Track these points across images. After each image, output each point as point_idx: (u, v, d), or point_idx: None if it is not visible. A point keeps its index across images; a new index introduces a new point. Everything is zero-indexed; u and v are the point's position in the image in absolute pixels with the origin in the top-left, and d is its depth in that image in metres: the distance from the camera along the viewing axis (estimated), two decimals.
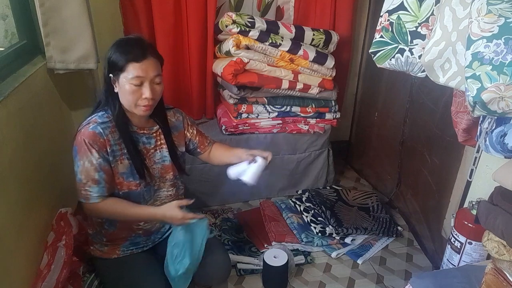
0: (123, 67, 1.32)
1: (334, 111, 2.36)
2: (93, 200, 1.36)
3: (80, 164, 1.35)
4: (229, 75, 2.08)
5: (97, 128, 1.35)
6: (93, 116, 1.40)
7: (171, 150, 1.54)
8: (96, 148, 1.34)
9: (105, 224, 1.49)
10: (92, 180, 1.35)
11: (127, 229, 1.51)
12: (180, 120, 1.60)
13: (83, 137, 1.34)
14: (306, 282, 1.87)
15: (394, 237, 2.14)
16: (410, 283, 1.25)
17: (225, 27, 2.12)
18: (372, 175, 2.69)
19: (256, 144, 2.29)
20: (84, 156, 1.34)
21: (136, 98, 1.35)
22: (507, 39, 0.87)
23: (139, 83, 1.34)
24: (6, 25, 1.73)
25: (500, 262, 1.10)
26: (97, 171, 1.35)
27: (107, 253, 1.53)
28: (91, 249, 1.56)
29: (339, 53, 2.38)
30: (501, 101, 0.88)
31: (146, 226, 1.54)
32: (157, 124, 1.51)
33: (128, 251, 1.54)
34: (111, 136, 1.38)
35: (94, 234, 1.54)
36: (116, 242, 1.52)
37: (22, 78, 1.47)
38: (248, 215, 2.29)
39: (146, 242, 1.57)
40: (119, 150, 1.40)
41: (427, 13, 1.17)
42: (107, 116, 1.40)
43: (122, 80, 1.34)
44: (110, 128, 1.38)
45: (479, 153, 1.51)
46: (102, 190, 1.37)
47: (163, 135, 1.52)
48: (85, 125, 1.37)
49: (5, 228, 1.22)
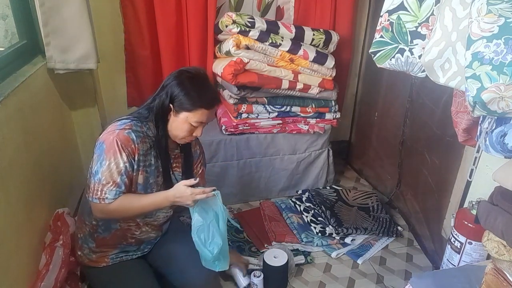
0: (192, 109, 1.36)
1: (334, 111, 2.36)
2: (107, 201, 1.34)
3: (105, 164, 1.32)
4: (229, 75, 2.08)
5: (131, 134, 1.34)
6: (128, 121, 1.38)
7: (184, 175, 1.54)
8: (127, 152, 1.33)
9: (100, 228, 1.46)
10: (114, 182, 1.33)
11: (120, 237, 1.48)
12: (197, 153, 1.62)
13: (116, 138, 1.32)
14: (306, 282, 1.87)
15: (394, 237, 2.14)
16: (410, 283, 1.25)
17: (225, 27, 2.12)
18: (372, 175, 2.69)
19: (256, 144, 2.30)
20: (113, 157, 1.32)
21: (187, 134, 1.40)
22: (507, 39, 0.87)
23: (197, 125, 1.39)
24: (6, 25, 1.73)
25: (500, 262, 1.10)
26: (121, 175, 1.33)
27: (96, 262, 1.49)
28: (79, 255, 1.52)
29: (339, 53, 2.38)
30: (501, 101, 0.88)
31: (141, 236, 1.52)
32: (179, 148, 1.52)
33: (118, 258, 1.51)
34: (141, 146, 1.37)
35: (84, 237, 1.50)
36: (105, 249, 1.49)
37: (22, 78, 1.48)
38: (248, 215, 2.29)
39: (135, 252, 1.55)
40: (143, 161, 1.40)
41: (427, 13, 1.17)
42: (140, 126, 1.39)
43: (182, 117, 1.37)
44: (141, 138, 1.38)
45: (479, 153, 1.51)
46: (118, 193, 1.34)
47: (182, 159, 1.54)
48: (120, 128, 1.34)
49: (5, 228, 1.22)
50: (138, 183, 1.40)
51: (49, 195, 1.64)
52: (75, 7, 1.67)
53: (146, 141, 1.39)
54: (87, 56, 1.76)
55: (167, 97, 1.37)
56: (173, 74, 1.41)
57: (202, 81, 1.42)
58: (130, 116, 1.42)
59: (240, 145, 2.28)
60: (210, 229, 1.38)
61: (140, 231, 1.51)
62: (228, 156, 2.28)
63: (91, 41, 1.75)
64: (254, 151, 2.31)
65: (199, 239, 1.38)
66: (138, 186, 1.41)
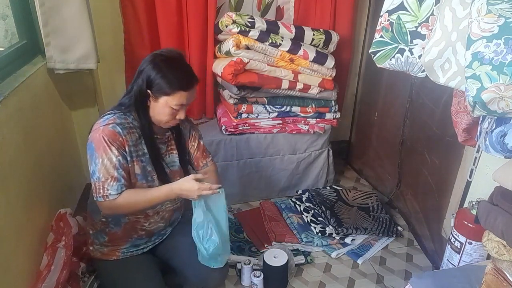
0: (170, 93, 1.34)
1: (334, 111, 2.36)
2: (111, 197, 1.34)
3: (99, 162, 1.33)
4: (229, 75, 2.08)
5: (116, 128, 1.35)
6: (111, 115, 1.38)
7: (181, 155, 1.54)
8: (116, 146, 1.34)
9: (110, 223, 1.49)
10: (112, 177, 1.33)
11: (130, 229, 1.50)
12: (187, 129, 1.61)
13: (102, 135, 1.33)
14: (306, 282, 1.87)
15: (394, 237, 2.14)
16: (410, 283, 1.25)
17: (225, 27, 2.12)
18: (372, 175, 2.69)
19: (256, 144, 2.30)
20: (104, 153, 1.33)
21: (170, 118, 1.39)
22: (507, 39, 0.87)
23: (179, 108, 1.37)
24: (6, 25, 1.73)
25: (500, 262, 1.10)
26: (117, 169, 1.34)
27: (107, 254, 1.52)
28: (91, 249, 1.55)
29: (339, 53, 2.38)
30: (501, 101, 0.88)
31: (150, 227, 1.53)
32: (169, 130, 1.52)
33: (128, 253, 1.53)
34: (129, 137, 1.37)
35: (96, 233, 1.54)
36: (116, 243, 1.52)
37: (22, 78, 1.48)
38: (248, 215, 2.29)
39: (146, 244, 1.57)
40: (136, 151, 1.40)
41: (427, 13, 1.17)
42: (125, 118, 1.39)
43: (162, 101, 1.36)
44: (127, 129, 1.38)
45: (479, 153, 1.51)
46: (121, 187, 1.35)
47: (174, 141, 1.53)
48: (104, 124, 1.35)
49: (5, 228, 1.22)
50: (136, 173, 1.41)
51: (49, 195, 1.64)
52: (75, 7, 1.67)
53: (133, 131, 1.40)
54: (87, 56, 1.76)
55: (144, 82, 1.35)
56: (147, 59, 1.38)
57: (178, 62, 1.39)
58: (113, 109, 1.42)
59: (240, 145, 2.28)
60: (209, 226, 1.38)
61: (148, 222, 1.52)
62: (228, 156, 2.28)
63: (91, 41, 1.75)
64: (254, 151, 2.31)
65: (197, 235, 1.39)
66: (137, 176, 1.41)
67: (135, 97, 1.38)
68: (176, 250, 1.57)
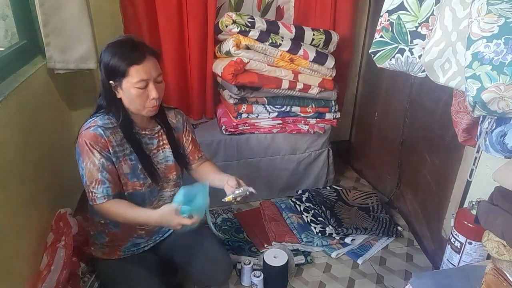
0: (125, 72, 1.31)
1: (334, 111, 2.36)
2: (99, 201, 1.36)
3: (84, 166, 1.35)
4: (229, 75, 2.08)
5: (97, 130, 1.35)
6: (93, 118, 1.39)
7: (174, 149, 1.54)
8: (98, 148, 1.34)
9: (109, 224, 1.49)
10: (96, 180, 1.35)
11: (130, 229, 1.51)
12: (180, 122, 1.60)
13: (84, 139, 1.34)
14: (306, 282, 1.87)
15: (394, 237, 2.14)
16: (410, 283, 1.25)
17: (225, 27, 2.12)
18: (372, 175, 2.69)
19: (256, 144, 2.30)
20: (87, 157, 1.34)
21: (143, 100, 1.36)
22: (507, 39, 0.87)
23: (144, 86, 1.34)
24: (6, 25, 1.73)
25: (500, 262, 1.10)
26: (100, 172, 1.35)
27: (109, 254, 1.53)
28: (92, 249, 1.56)
29: (339, 53, 2.38)
30: (501, 101, 0.88)
31: (149, 227, 1.54)
32: (158, 124, 1.51)
33: (129, 252, 1.54)
34: (112, 138, 1.38)
35: (96, 234, 1.54)
36: (117, 243, 1.53)
37: (22, 78, 1.47)
38: (248, 215, 2.29)
39: (147, 242, 1.57)
40: (122, 151, 1.41)
41: (427, 13, 1.17)
42: (107, 118, 1.39)
43: (125, 85, 1.33)
44: (111, 129, 1.38)
45: (479, 153, 1.51)
46: (106, 190, 1.36)
47: (165, 135, 1.52)
48: (86, 128, 1.37)
49: (5, 228, 1.22)
50: (125, 172, 1.41)
51: (50, 195, 1.64)
52: (75, 7, 1.67)
53: (117, 131, 1.40)
54: (87, 56, 1.76)
55: (103, 74, 1.35)
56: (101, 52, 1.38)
57: (124, 42, 1.37)
58: (94, 112, 1.43)
59: (240, 145, 2.28)
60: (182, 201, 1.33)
61: None
62: (228, 156, 2.28)
63: (91, 41, 1.75)
64: (254, 151, 2.31)
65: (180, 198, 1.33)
66: (127, 176, 1.42)
67: (105, 93, 1.38)
68: (180, 247, 1.58)
